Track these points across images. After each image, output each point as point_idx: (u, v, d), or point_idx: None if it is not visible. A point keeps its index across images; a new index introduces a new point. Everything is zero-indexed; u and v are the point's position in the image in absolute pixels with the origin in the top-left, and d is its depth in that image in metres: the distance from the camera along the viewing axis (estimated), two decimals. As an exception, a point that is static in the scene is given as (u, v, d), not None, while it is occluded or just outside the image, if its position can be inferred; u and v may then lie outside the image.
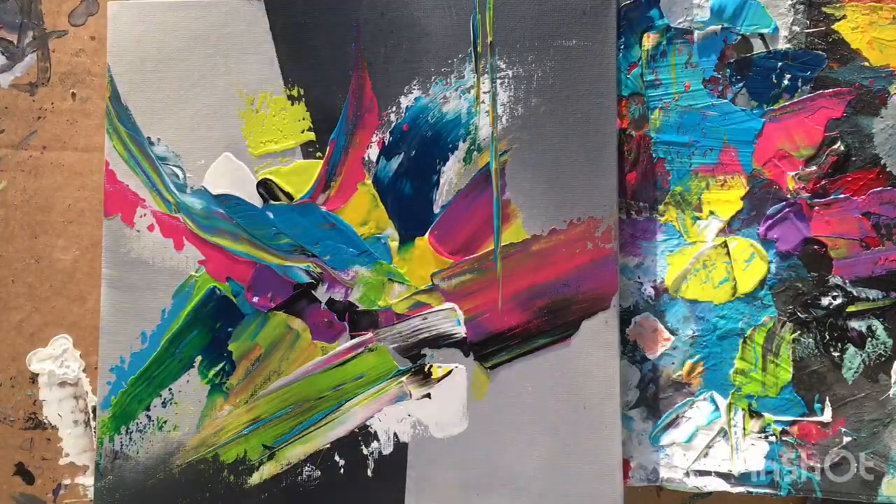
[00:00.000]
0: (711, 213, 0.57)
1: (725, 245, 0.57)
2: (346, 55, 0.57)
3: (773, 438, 0.56)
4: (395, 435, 0.57)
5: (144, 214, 0.59)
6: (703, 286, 0.57)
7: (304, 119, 0.58)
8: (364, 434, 0.58)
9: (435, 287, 0.57)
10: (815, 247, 0.56)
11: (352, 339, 0.58)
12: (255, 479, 0.58)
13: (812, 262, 0.56)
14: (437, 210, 0.57)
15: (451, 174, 0.57)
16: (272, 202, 0.58)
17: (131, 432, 0.59)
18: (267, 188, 0.58)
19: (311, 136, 0.58)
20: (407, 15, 0.57)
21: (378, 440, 0.57)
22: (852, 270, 0.56)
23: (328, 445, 0.58)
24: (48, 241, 0.62)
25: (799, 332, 0.56)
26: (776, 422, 0.56)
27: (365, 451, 0.57)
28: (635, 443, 0.57)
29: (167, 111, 0.59)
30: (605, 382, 0.56)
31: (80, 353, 0.62)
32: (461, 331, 0.57)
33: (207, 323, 0.58)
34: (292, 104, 0.58)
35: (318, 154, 0.58)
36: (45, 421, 0.63)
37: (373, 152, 0.57)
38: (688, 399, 0.57)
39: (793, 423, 0.56)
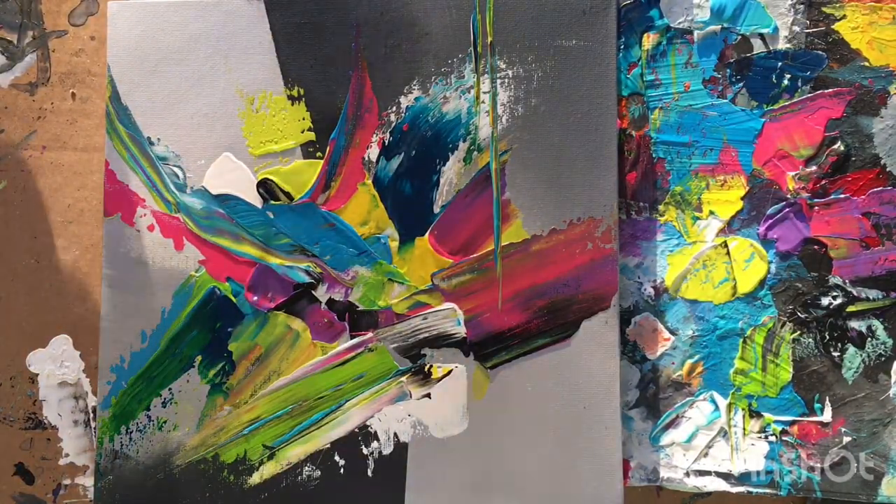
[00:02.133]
0: (711, 213, 0.57)
1: (725, 245, 0.57)
2: (346, 55, 0.57)
3: (773, 438, 0.56)
4: (395, 435, 0.57)
5: (144, 214, 0.59)
6: (702, 286, 0.57)
7: (304, 119, 0.58)
8: (364, 434, 0.58)
9: (435, 287, 0.57)
10: (815, 247, 0.56)
11: (352, 339, 0.58)
12: (255, 479, 0.58)
13: (812, 262, 0.56)
14: (437, 210, 0.57)
15: (451, 174, 0.57)
16: (272, 202, 0.58)
17: (131, 432, 0.59)
18: (267, 188, 0.58)
19: (311, 136, 0.58)
20: (407, 15, 0.57)
21: (378, 440, 0.57)
22: (852, 270, 0.56)
23: (328, 445, 0.58)
24: (48, 241, 0.62)
25: (799, 332, 0.56)
26: (776, 422, 0.56)
27: (365, 451, 0.57)
28: (635, 443, 0.57)
29: (167, 111, 0.59)
30: (604, 382, 0.56)
31: (79, 353, 0.62)
32: (461, 331, 0.57)
33: (207, 323, 0.58)
34: (292, 104, 0.58)
35: (318, 154, 0.58)
36: (45, 421, 0.63)
37: (373, 152, 0.57)
38: (688, 399, 0.57)
39: (793, 423, 0.56)
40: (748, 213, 0.57)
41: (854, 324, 0.56)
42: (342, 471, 0.58)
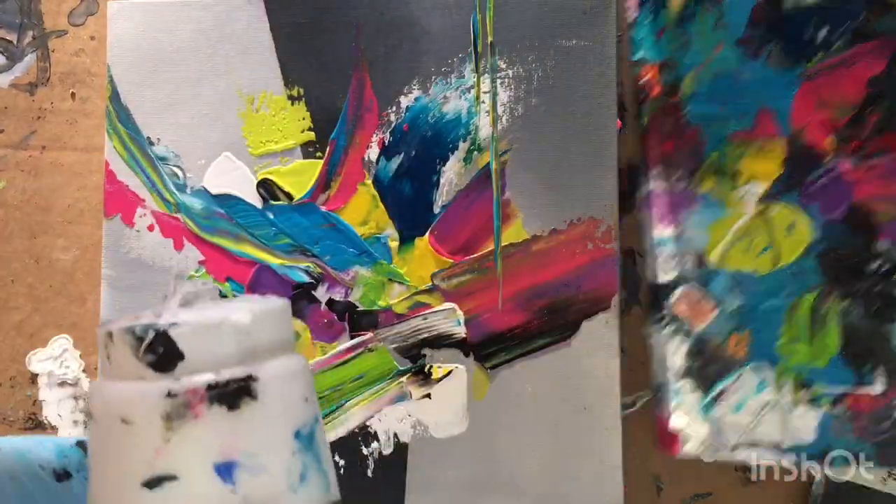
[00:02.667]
0: (750, 179, 0.55)
1: (766, 212, 0.55)
2: (346, 55, 0.57)
3: (823, 409, 0.55)
4: (395, 435, 0.57)
5: (144, 214, 0.59)
6: (745, 255, 0.55)
7: (304, 119, 0.58)
8: (364, 434, 0.57)
9: (435, 287, 0.57)
10: (860, 210, 0.54)
11: (352, 339, 0.58)
12: (255, 479, 0.58)
13: (857, 226, 0.54)
14: (437, 210, 0.57)
15: (451, 174, 0.57)
16: (272, 202, 0.58)
17: (131, 433, 0.58)
18: (267, 188, 0.58)
19: (311, 135, 0.58)
20: (407, 14, 0.57)
21: (378, 440, 0.57)
22: (900, 233, 0.54)
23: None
24: (48, 241, 0.62)
25: (845, 299, 0.54)
26: (826, 393, 0.54)
27: (365, 452, 0.57)
28: (683, 415, 0.56)
29: (167, 111, 0.59)
30: (605, 383, 0.56)
31: (79, 353, 0.62)
32: (461, 331, 0.57)
33: (207, 323, 0.58)
34: (292, 104, 0.58)
35: (318, 154, 0.58)
36: (45, 421, 0.63)
37: (373, 152, 0.57)
38: (736, 370, 0.56)
39: (843, 394, 0.54)
40: (788, 178, 0.55)
41: (903, 289, 0.54)
42: (342, 471, 0.57)
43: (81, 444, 0.36)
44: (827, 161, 0.55)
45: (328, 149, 0.58)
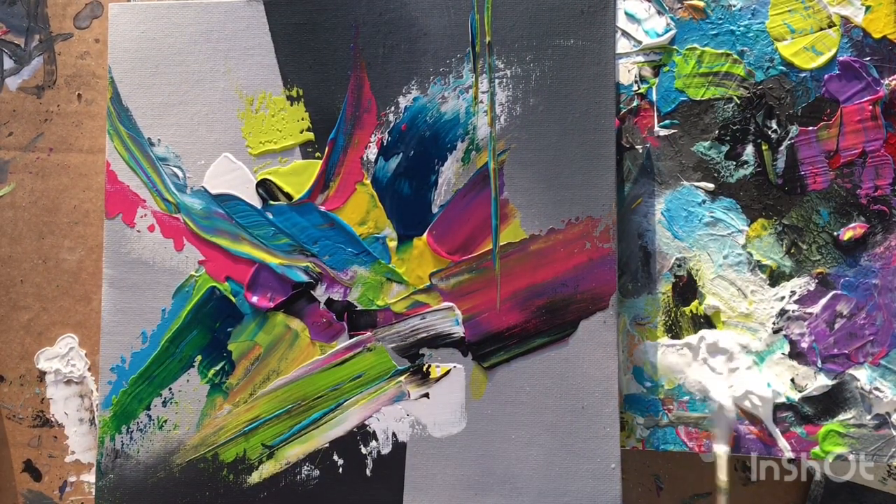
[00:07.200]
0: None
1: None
2: (345, 55, 0.58)
3: None
4: (394, 434, 0.57)
5: (145, 215, 0.59)
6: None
7: (302, 119, 0.58)
8: (363, 433, 0.58)
9: (433, 287, 0.57)
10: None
11: (350, 338, 0.58)
12: (255, 478, 0.58)
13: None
14: (435, 210, 0.57)
15: (450, 174, 0.57)
16: (271, 202, 0.58)
17: (132, 431, 0.59)
18: (266, 188, 0.58)
19: (310, 136, 0.58)
20: (405, 15, 0.57)
21: (377, 440, 0.58)
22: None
23: (327, 445, 0.58)
24: (55, 241, 0.63)
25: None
26: None
27: (363, 451, 0.58)
28: None
29: (167, 112, 0.59)
30: (603, 382, 0.55)
31: (85, 352, 0.63)
32: (459, 330, 0.57)
33: (207, 323, 0.59)
34: (291, 104, 0.58)
35: (317, 154, 0.58)
36: (53, 419, 0.63)
37: (371, 152, 0.58)
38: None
39: None
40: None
41: None
42: (341, 470, 0.58)
43: None
44: None
45: (327, 149, 0.58)
